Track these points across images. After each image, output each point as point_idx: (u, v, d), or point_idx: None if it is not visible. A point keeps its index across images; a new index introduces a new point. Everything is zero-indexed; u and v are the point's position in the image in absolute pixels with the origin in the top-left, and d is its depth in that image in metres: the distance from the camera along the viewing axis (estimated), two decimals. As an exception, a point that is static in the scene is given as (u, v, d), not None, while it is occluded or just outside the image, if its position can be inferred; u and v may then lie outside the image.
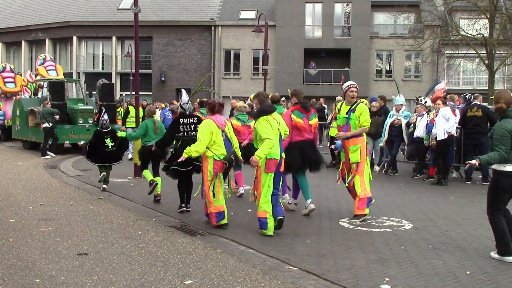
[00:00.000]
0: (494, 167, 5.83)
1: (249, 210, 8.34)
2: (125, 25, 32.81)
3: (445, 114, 10.82)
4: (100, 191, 10.31)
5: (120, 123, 17.10)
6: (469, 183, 11.38)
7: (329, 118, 14.91)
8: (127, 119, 16.19)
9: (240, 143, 8.75)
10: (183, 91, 8.88)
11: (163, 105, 19.42)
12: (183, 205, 8.29)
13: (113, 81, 32.93)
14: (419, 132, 11.51)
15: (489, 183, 6.19)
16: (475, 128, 11.12)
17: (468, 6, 27.98)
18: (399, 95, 12.99)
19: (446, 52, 30.25)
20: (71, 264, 5.67)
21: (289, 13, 33.45)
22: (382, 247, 6.28)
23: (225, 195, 7.42)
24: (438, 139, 10.88)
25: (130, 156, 10.79)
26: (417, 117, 11.89)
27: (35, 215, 8.13)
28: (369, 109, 12.71)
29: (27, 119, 18.56)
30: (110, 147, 10.31)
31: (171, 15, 35.38)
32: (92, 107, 18.62)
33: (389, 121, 12.37)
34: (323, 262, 5.70)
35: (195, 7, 35.81)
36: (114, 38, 35.68)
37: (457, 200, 9.51)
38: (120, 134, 10.25)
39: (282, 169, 7.00)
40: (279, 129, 6.94)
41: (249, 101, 11.06)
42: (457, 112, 11.78)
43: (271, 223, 6.78)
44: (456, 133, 11.27)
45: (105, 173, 10.35)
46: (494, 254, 5.90)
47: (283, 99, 11.40)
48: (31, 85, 22.84)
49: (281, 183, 7.21)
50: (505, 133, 5.61)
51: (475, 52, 26.45)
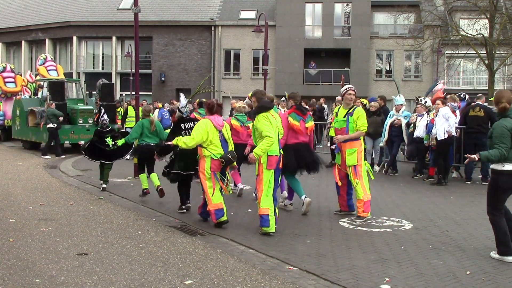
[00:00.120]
0: (493, 166, 5.83)
1: (249, 210, 8.35)
2: (125, 25, 32.82)
3: (445, 114, 10.84)
4: (100, 191, 10.31)
5: (120, 123, 17.12)
6: (469, 183, 11.37)
7: (329, 118, 14.91)
8: (127, 119, 16.23)
9: (240, 145, 8.78)
10: (182, 95, 8.88)
11: (160, 105, 19.41)
12: (183, 206, 8.31)
13: (113, 81, 32.94)
14: (419, 132, 11.52)
15: (488, 183, 6.18)
16: (477, 128, 11.13)
17: (468, 6, 27.95)
18: (399, 95, 12.98)
19: (446, 52, 30.23)
20: (71, 264, 5.67)
21: (289, 13, 33.44)
22: (382, 247, 6.28)
23: (221, 191, 7.35)
24: (438, 139, 10.88)
25: (127, 156, 10.82)
26: (417, 117, 11.89)
27: (35, 215, 8.14)
28: (368, 109, 12.81)
29: (27, 119, 18.57)
30: (111, 145, 10.31)
31: (171, 15, 35.37)
32: (92, 107, 18.63)
33: (389, 121, 12.37)
34: (323, 262, 5.70)
35: (195, 7, 35.80)
36: (114, 38, 35.69)
37: (457, 200, 9.51)
38: (119, 142, 10.12)
39: (281, 165, 7.09)
40: (277, 126, 7.06)
41: (247, 100, 11.05)
42: (457, 112, 11.78)
43: (272, 221, 6.81)
44: (456, 133, 11.28)
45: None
46: (494, 254, 5.90)
47: (283, 99, 11.40)
48: (31, 85, 22.84)
49: (280, 179, 7.32)
50: (505, 132, 5.63)
51: (475, 52, 26.41)
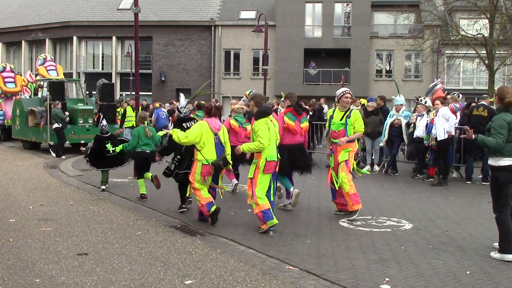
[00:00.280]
0: (490, 163, 5.93)
1: (249, 210, 8.34)
2: (125, 25, 32.83)
3: (445, 114, 10.83)
4: (100, 191, 10.32)
5: (119, 123, 17.11)
6: (469, 183, 11.37)
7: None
8: (125, 119, 16.22)
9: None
10: (182, 95, 8.89)
11: (157, 105, 19.40)
12: (184, 205, 8.33)
13: (113, 81, 32.95)
14: (419, 132, 11.52)
15: (489, 182, 6.23)
16: (479, 127, 11.11)
17: (468, 6, 27.95)
18: (399, 95, 12.98)
19: (446, 52, 30.22)
20: (71, 264, 5.67)
21: (289, 13, 33.44)
22: (382, 247, 6.28)
23: (212, 190, 7.54)
24: (438, 139, 10.88)
25: (127, 163, 10.92)
26: (417, 117, 11.89)
27: (35, 215, 8.14)
28: (366, 109, 12.82)
29: (27, 119, 18.55)
30: (111, 151, 10.35)
31: (171, 15, 35.37)
32: (92, 107, 18.63)
33: (389, 121, 12.36)
34: (323, 262, 5.70)
35: (195, 7, 35.80)
36: (114, 38, 35.70)
37: (457, 200, 9.51)
38: (118, 149, 10.28)
39: (277, 169, 7.27)
40: (275, 131, 7.20)
41: (244, 98, 11.09)
42: (457, 112, 11.78)
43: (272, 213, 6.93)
44: (455, 133, 11.28)
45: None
46: (494, 254, 5.91)
47: (283, 99, 11.42)
48: (31, 85, 22.83)
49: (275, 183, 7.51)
50: (504, 124, 5.76)
51: (475, 52, 26.42)
